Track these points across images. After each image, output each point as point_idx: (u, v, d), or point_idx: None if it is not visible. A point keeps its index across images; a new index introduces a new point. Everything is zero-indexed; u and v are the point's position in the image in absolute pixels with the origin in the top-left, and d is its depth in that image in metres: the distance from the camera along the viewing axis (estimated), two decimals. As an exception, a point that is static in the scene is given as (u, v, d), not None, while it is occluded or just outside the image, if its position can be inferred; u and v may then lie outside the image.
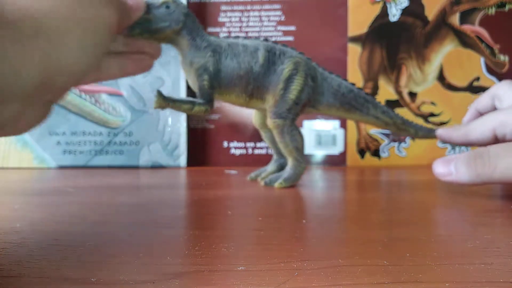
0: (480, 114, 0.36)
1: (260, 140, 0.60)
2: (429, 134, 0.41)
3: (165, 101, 0.33)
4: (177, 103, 0.33)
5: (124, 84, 0.57)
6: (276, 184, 0.37)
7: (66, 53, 0.20)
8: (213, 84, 0.34)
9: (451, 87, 0.60)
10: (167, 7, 0.33)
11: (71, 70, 0.20)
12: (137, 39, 0.32)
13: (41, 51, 0.18)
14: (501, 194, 0.34)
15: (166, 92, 0.57)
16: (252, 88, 0.35)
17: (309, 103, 0.37)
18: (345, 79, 0.39)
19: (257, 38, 0.37)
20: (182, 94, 0.57)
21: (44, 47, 0.18)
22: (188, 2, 0.60)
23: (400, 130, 0.40)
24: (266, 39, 0.37)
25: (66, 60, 0.20)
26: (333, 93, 0.38)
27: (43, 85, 0.19)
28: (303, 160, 0.37)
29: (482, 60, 0.59)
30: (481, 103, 0.36)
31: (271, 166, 0.42)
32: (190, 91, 0.58)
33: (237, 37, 0.37)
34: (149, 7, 0.32)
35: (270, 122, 0.36)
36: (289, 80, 0.35)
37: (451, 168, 0.30)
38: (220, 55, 0.34)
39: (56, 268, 0.16)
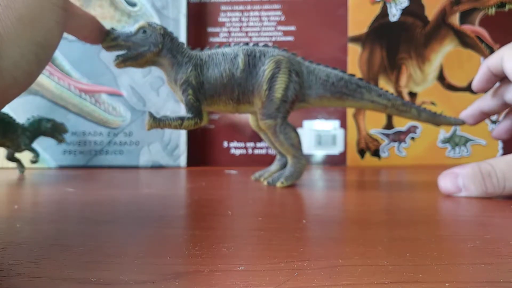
0: (490, 71, 0.36)
1: (260, 140, 0.60)
2: (434, 118, 0.40)
3: (155, 122, 0.34)
4: (167, 122, 0.34)
5: (124, 84, 0.57)
6: (278, 184, 0.37)
7: (7, 67, 0.17)
8: (198, 97, 0.35)
9: (451, 87, 0.60)
10: (144, 32, 0.33)
11: (9, 85, 0.18)
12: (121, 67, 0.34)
13: None
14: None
15: (165, 92, 0.57)
16: (238, 94, 0.35)
17: (298, 99, 0.37)
18: (335, 68, 0.38)
19: (237, 44, 0.37)
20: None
21: None
22: (188, 3, 0.60)
23: (401, 112, 0.39)
24: (246, 44, 0.37)
25: (5, 75, 0.17)
26: (322, 84, 0.37)
27: None
28: (302, 157, 0.37)
29: (482, 60, 0.59)
30: (491, 61, 0.36)
31: (274, 166, 0.42)
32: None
33: (218, 46, 0.37)
34: (127, 36, 0.33)
35: (261, 123, 0.36)
36: (272, 80, 0.35)
37: (459, 184, 0.31)
38: (201, 67, 0.35)
39: (56, 268, 0.16)
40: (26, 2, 0.18)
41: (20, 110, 0.55)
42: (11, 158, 0.49)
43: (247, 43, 0.37)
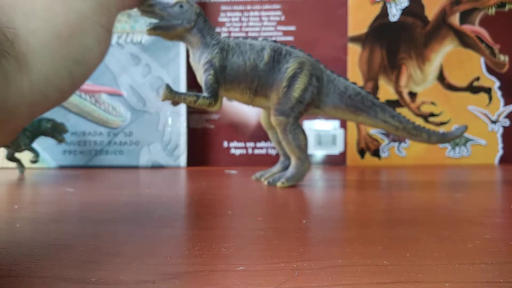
0: None
1: (260, 140, 0.60)
2: (444, 138, 0.40)
3: (171, 94, 0.34)
4: (182, 95, 0.34)
5: (124, 84, 0.57)
6: (279, 184, 0.37)
7: (37, 81, 0.17)
8: (218, 79, 0.35)
9: (451, 87, 0.60)
10: (181, 6, 0.35)
11: (37, 99, 0.17)
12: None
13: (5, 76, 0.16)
14: (500, 195, 0.34)
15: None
16: (257, 85, 0.36)
17: (313, 103, 0.37)
18: (354, 83, 0.38)
19: (265, 38, 0.37)
20: (182, 94, 0.57)
21: (10, 71, 0.16)
22: (188, 2, 0.60)
23: (411, 136, 0.39)
24: (275, 41, 0.37)
25: (34, 88, 0.17)
26: (339, 94, 0.37)
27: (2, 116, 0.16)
28: (307, 160, 0.37)
29: (482, 60, 0.59)
30: None
31: (276, 167, 0.42)
32: (190, 91, 0.58)
33: (247, 37, 0.37)
34: (163, 6, 0.34)
35: (273, 119, 0.36)
36: (293, 79, 0.36)
37: None
38: (227, 52, 0.35)
39: (56, 268, 0.16)
40: (66, 17, 0.18)
41: (20, 110, 0.55)
42: (11, 158, 0.49)
43: (275, 41, 0.37)
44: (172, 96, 0.34)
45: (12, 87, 0.16)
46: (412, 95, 0.60)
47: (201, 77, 0.36)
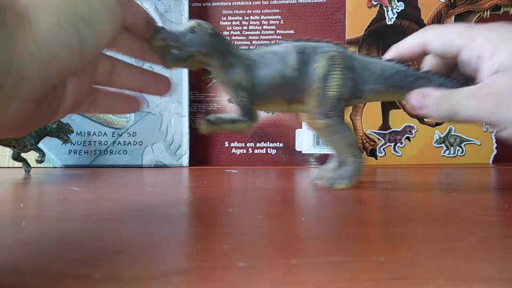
0: (427, 49, 0.34)
1: (260, 140, 0.61)
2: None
3: (211, 126, 0.32)
4: (221, 125, 0.33)
5: (127, 85, 0.58)
6: (339, 186, 0.35)
7: (43, 36, 0.17)
8: (251, 99, 0.33)
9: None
10: (192, 31, 0.31)
11: (46, 57, 0.17)
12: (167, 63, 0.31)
13: (9, 30, 0.15)
14: (495, 193, 0.34)
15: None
16: (290, 94, 0.34)
17: (352, 95, 0.34)
18: (390, 60, 0.35)
19: (287, 40, 0.34)
20: (185, 94, 0.58)
21: (13, 25, 0.16)
22: (190, 6, 0.60)
23: None
24: (297, 40, 0.34)
25: (41, 44, 0.17)
26: (377, 78, 0.34)
27: (11, 74, 0.16)
28: (359, 155, 0.35)
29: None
30: (436, 43, 0.34)
31: (332, 164, 0.39)
32: (192, 92, 0.59)
33: (267, 44, 0.35)
34: (176, 36, 0.31)
35: (318, 123, 0.34)
36: (325, 78, 0.33)
37: (425, 103, 0.31)
38: (251, 68, 0.33)
39: (61, 265, 0.16)
40: None
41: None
42: (17, 157, 0.50)
43: (297, 40, 0.34)
44: (213, 128, 0.32)
45: (17, 42, 0.16)
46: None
47: (232, 98, 0.33)
